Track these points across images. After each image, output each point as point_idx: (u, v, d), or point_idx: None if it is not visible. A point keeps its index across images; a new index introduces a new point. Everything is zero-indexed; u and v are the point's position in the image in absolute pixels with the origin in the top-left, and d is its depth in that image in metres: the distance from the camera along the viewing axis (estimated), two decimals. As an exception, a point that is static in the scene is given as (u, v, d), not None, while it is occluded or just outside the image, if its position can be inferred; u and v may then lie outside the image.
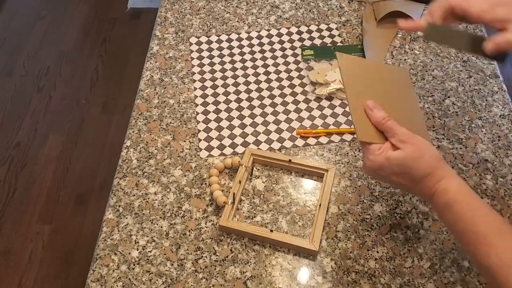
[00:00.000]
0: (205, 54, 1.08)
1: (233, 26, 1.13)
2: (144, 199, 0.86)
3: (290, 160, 0.87)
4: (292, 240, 0.79)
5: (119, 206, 0.86)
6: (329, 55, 1.06)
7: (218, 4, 1.17)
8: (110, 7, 2.64)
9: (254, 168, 0.89)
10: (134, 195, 0.87)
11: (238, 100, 1.00)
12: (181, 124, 0.96)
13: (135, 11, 2.60)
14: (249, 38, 1.10)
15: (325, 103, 0.98)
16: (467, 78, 1.01)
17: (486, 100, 0.97)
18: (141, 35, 2.46)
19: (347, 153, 0.91)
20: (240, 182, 0.85)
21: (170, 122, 0.96)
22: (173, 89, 1.02)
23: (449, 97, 0.98)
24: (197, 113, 0.98)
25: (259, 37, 1.11)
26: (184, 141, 0.94)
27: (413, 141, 0.67)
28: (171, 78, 1.04)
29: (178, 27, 1.13)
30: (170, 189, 0.87)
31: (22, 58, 2.40)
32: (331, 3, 1.16)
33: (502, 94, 0.98)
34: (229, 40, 1.10)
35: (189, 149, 0.92)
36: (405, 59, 1.04)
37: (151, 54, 1.08)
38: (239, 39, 1.10)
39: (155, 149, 0.93)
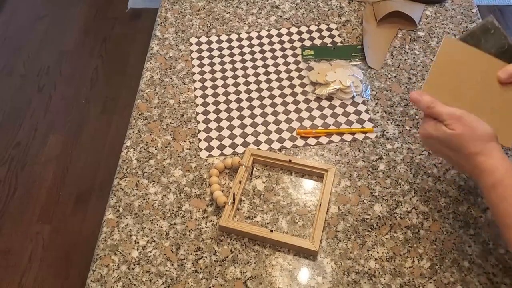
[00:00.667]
0: (205, 54, 1.08)
1: (233, 26, 1.13)
2: (144, 199, 0.86)
3: (290, 160, 0.87)
4: (292, 240, 0.79)
5: (119, 206, 0.86)
6: (329, 55, 1.06)
7: (218, 4, 1.17)
8: (110, 7, 2.64)
9: (254, 168, 0.89)
10: (134, 195, 0.87)
11: (238, 100, 1.00)
12: (181, 124, 0.96)
13: (135, 11, 2.60)
14: (249, 38, 1.10)
15: (325, 103, 0.98)
16: None
17: (486, 100, 0.97)
18: (141, 35, 2.46)
19: (347, 153, 0.91)
20: (240, 182, 0.85)
21: (170, 122, 0.96)
22: (173, 89, 1.02)
23: (449, 97, 0.98)
24: (197, 113, 0.98)
25: (259, 37, 1.11)
26: (184, 141, 0.94)
27: (464, 120, 0.68)
28: (171, 78, 1.04)
29: (178, 27, 1.13)
30: (170, 189, 0.87)
31: (22, 58, 2.40)
32: (331, 3, 1.16)
33: (502, 94, 0.98)
34: (229, 40, 1.10)
35: (189, 149, 0.92)
36: (405, 59, 1.04)
37: (151, 54, 1.08)
38: (239, 39, 1.10)
39: (155, 149, 0.93)
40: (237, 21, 1.14)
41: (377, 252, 0.79)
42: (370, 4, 1.14)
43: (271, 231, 0.80)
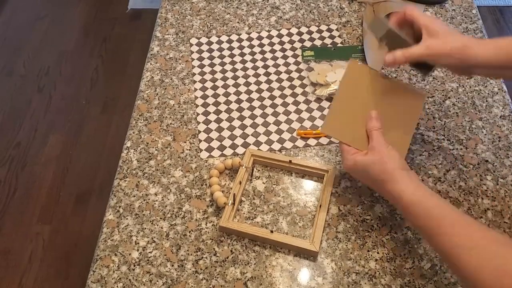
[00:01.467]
0: (205, 55, 1.08)
1: (234, 27, 1.13)
2: (144, 200, 0.86)
3: (290, 161, 0.87)
4: (293, 241, 0.79)
5: (120, 207, 0.86)
6: (329, 56, 1.06)
7: (218, 5, 1.17)
8: (110, 7, 2.64)
9: (255, 169, 0.89)
10: (134, 196, 0.87)
11: (239, 101, 1.00)
12: (181, 125, 0.96)
13: (135, 12, 2.60)
14: (250, 39, 1.10)
15: (325, 104, 0.98)
16: (467, 79, 1.01)
17: (487, 101, 0.97)
18: (141, 35, 2.46)
19: (348, 154, 0.90)
20: (240, 183, 0.85)
21: (171, 123, 0.96)
22: (174, 90, 1.02)
23: (449, 98, 0.98)
24: (198, 114, 0.98)
25: (260, 38, 1.11)
26: (185, 142, 0.94)
27: (380, 149, 0.74)
28: (171, 79, 1.04)
29: (178, 28, 1.13)
30: (170, 190, 0.87)
31: (22, 58, 2.40)
32: (332, 4, 1.16)
33: (503, 95, 0.98)
34: (230, 41, 1.10)
35: (189, 150, 0.92)
36: (405, 60, 1.04)
37: (151, 55, 1.08)
38: (240, 40, 1.10)
39: (156, 150, 0.93)
40: (238, 22, 1.14)
41: (378, 253, 0.79)
42: (370, 5, 1.14)
43: (271, 231, 0.80)
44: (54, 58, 2.40)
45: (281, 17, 1.14)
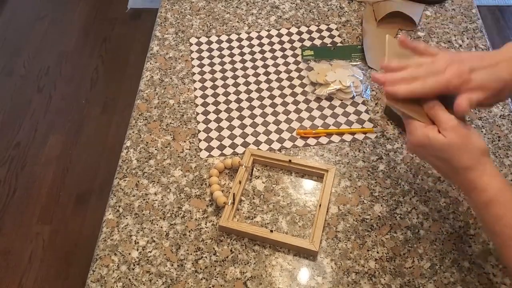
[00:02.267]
0: (205, 54, 1.08)
1: (233, 26, 1.13)
2: (144, 200, 0.86)
3: (290, 161, 0.87)
4: (292, 241, 0.79)
5: (119, 206, 0.86)
6: (329, 55, 1.06)
7: (218, 4, 1.17)
8: (110, 7, 2.64)
9: (254, 169, 0.89)
10: (134, 196, 0.87)
11: (238, 101, 1.00)
12: (181, 124, 0.96)
13: (135, 11, 2.60)
14: (249, 39, 1.10)
15: (325, 103, 0.98)
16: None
17: (486, 100, 0.97)
18: (141, 35, 2.46)
19: (347, 154, 0.91)
20: (240, 182, 0.85)
21: (170, 123, 0.96)
22: (173, 89, 1.02)
23: (449, 97, 0.98)
24: (197, 114, 0.98)
25: (259, 37, 1.11)
26: (184, 142, 0.94)
27: (459, 130, 0.63)
28: (171, 78, 1.04)
29: (178, 27, 1.13)
30: (170, 189, 0.87)
31: (22, 58, 2.40)
32: (331, 3, 1.16)
33: (502, 94, 0.98)
34: (229, 41, 1.10)
35: (189, 149, 0.92)
36: (405, 60, 1.04)
37: (151, 54, 1.08)
38: (239, 40, 1.10)
39: (155, 149, 0.93)
40: (237, 21, 1.14)
41: (377, 252, 0.79)
42: (370, 4, 1.14)
43: (271, 231, 0.80)
44: (54, 58, 2.40)
45: (280, 16, 1.14)
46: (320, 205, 0.82)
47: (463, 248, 0.78)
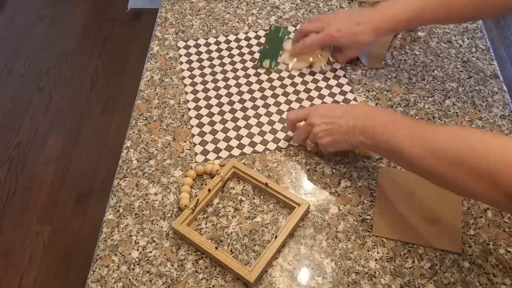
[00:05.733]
0: (194, 57, 1.07)
1: (233, 26, 1.13)
2: (144, 200, 0.86)
3: (266, 184, 0.84)
4: (232, 264, 0.75)
5: (119, 206, 0.86)
6: (283, 36, 1.04)
7: (218, 4, 1.17)
8: (110, 7, 2.64)
9: (234, 179, 0.87)
10: (134, 196, 0.87)
11: (231, 103, 0.99)
12: (181, 124, 0.96)
13: (135, 12, 2.61)
14: (247, 39, 1.10)
15: (316, 100, 0.98)
16: (467, 78, 1.01)
17: (487, 100, 0.97)
18: (141, 35, 2.46)
19: (347, 153, 0.90)
20: (209, 190, 0.84)
21: (170, 123, 0.96)
22: (173, 89, 1.02)
23: (449, 97, 0.98)
24: (190, 118, 0.97)
25: (257, 37, 1.10)
26: (184, 142, 0.94)
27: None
28: (171, 78, 1.04)
29: (178, 27, 1.13)
30: (170, 189, 0.87)
31: (22, 58, 2.41)
32: (332, 3, 1.16)
33: (503, 94, 0.98)
34: (218, 43, 1.09)
35: (189, 149, 0.92)
36: (405, 60, 1.04)
37: (151, 54, 1.08)
38: (237, 40, 1.10)
39: (155, 149, 0.93)
40: (237, 22, 1.14)
41: (377, 253, 0.79)
42: (370, 5, 1.14)
43: (216, 248, 0.77)
44: (54, 58, 2.40)
45: (281, 16, 1.14)
46: (276, 237, 0.78)
47: (463, 248, 0.78)
